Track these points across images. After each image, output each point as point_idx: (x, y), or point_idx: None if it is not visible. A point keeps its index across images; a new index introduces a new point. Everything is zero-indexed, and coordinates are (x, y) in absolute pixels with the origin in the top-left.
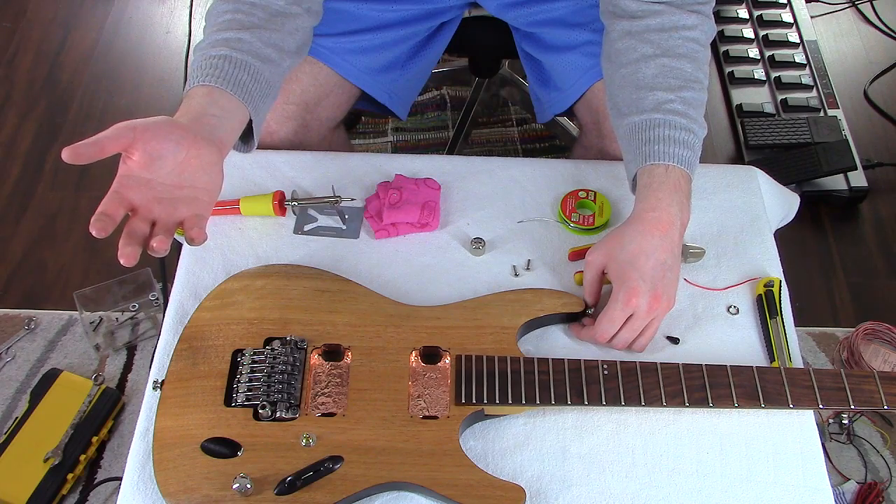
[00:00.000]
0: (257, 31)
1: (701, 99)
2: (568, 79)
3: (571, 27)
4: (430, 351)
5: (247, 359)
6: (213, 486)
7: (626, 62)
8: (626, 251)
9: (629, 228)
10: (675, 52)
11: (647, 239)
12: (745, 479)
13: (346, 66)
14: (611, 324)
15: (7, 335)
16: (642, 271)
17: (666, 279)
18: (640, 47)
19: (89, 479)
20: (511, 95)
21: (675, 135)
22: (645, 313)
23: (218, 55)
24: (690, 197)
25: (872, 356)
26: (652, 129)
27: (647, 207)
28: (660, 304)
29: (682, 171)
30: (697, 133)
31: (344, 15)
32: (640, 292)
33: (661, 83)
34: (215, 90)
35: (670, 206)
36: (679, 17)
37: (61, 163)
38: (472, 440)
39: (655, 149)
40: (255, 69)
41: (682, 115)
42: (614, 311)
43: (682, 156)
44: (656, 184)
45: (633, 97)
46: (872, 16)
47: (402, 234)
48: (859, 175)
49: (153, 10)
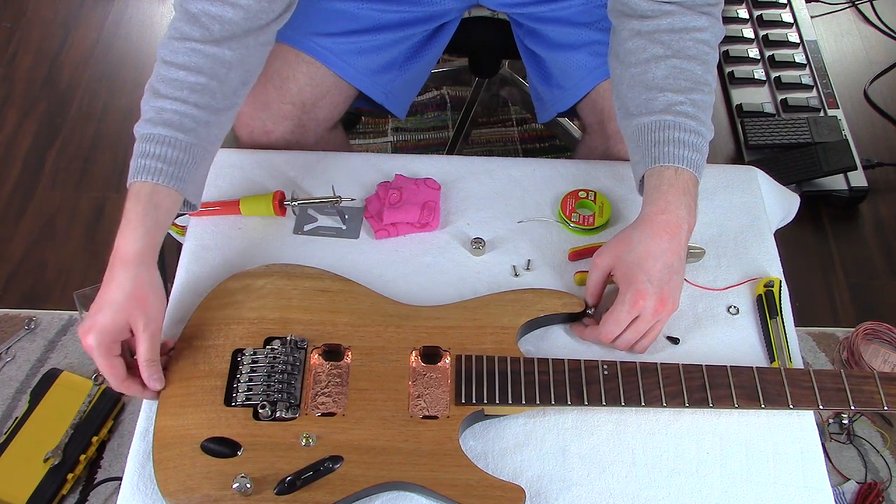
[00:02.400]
0: (216, 115)
1: (709, 101)
2: (571, 77)
3: (577, 26)
4: (430, 351)
5: (247, 358)
6: (213, 486)
7: (635, 62)
8: (634, 253)
9: (637, 231)
10: (686, 54)
11: (655, 242)
12: (745, 479)
13: (343, 67)
14: (616, 325)
15: (7, 335)
16: (650, 274)
17: (672, 282)
18: (651, 48)
19: (89, 479)
20: (511, 95)
21: (684, 137)
22: (650, 316)
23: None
24: (697, 200)
25: (872, 356)
26: (662, 131)
27: (657, 210)
28: (665, 307)
29: (691, 173)
30: (705, 136)
31: (344, 15)
32: (648, 295)
33: (672, 85)
34: (159, 189)
35: (679, 208)
36: (690, 18)
37: (61, 163)
38: (472, 440)
39: (665, 150)
40: (201, 154)
41: (692, 117)
42: (620, 312)
43: (691, 158)
44: (665, 186)
45: (643, 98)
46: (872, 16)
47: (402, 234)
48: (859, 175)
49: (153, 10)
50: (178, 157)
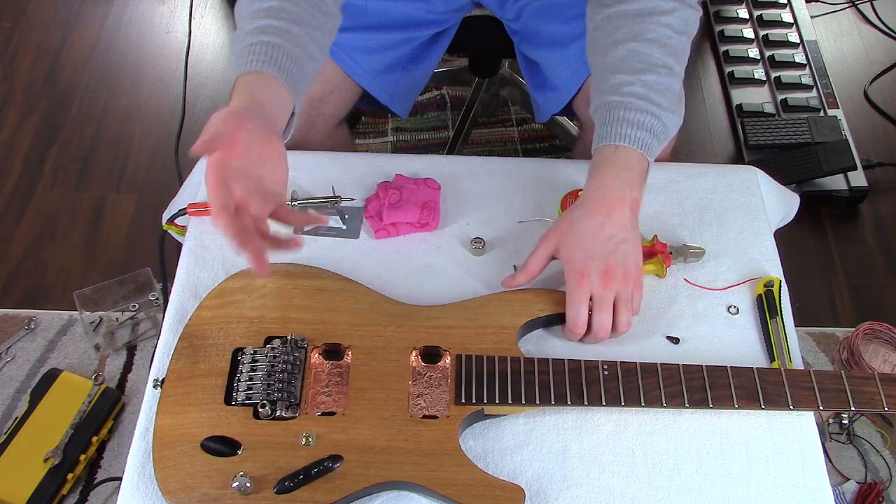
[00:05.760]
0: (306, 27)
1: (668, 84)
2: (563, 76)
3: (567, 20)
4: (430, 350)
5: (247, 357)
6: (213, 485)
7: (599, 48)
8: (574, 232)
9: (577, 210)
10: (645, 38)
11: (593, 217)
12: (745, 479)
13: (350, 64)
14: (574, 308)
15: (7, 335)
16: (589, 250)
17: (619, 252)
18: (614, 33)
19: (89, 479)
20: (511, 95)
21: (630, 116)
22: (603, 290)
23: (270, 42)
24: (645, 177)
25: (872, 356)
26: (608, 111)
27: (593, 187)
28: (615, 277)
29: (634, 150)
30: (662, 117)
31: (353, 9)
32: (589, 270)
33: (625, 66)
34: (271, 80)
35: (616, 184)
36: (656, 3)
37: (61, 163)
38: (472, 440)
39: (608, 130)
40: (302, 64)
41: (642, 97)
42: (570, 294)
43: (636, 137)
44: (604, 164)
45: (598, 81)
46: (872, 16)
47: (402, 234)
48: (859, 175)
49: (153, 10)
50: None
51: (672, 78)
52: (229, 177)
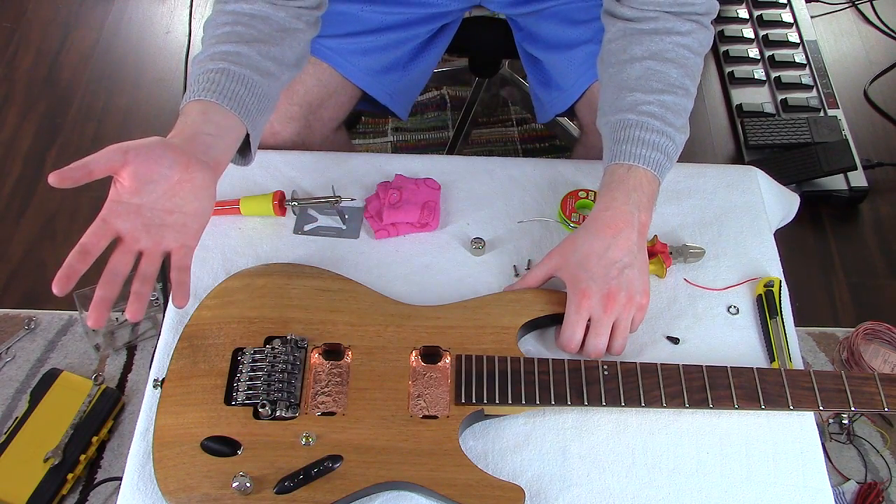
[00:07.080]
0: (257, 45)
1: (684, 105)
2: (569, 78)
3: (574, 24)
4: (430, 351)
5: (247, 357)
6: (213, 485)
7: (614, 62)
8: (578, 253)
9: (583, 230)
10: (663, 56)
11: (598, 240)
12: (745, 479)
13: (348, 67)
14: (570, 329)
15: (7, 335)
16: (592, 273)
17: (623, 277)
18: (631, 49)
19: (89, 479)
20: (511, 95)
21: (645, 136)
22: (602, 314)
23: (216, 69)
24: (655, 198)
25: (872, 356)
26: (623, 130)
27: (601, 208)
28: (616, 303)
29: (647, 171)
30: (674, 138)
31: (347, 17)
32: (590, 293)
33: (643, 85)
34: (211, 106)
35: (625, 204)
36: (674, 23)
37: (61, 163)
38: (471, 440)
39: (623, 149)
40: (253, 83)
41: (659, 118)
42: (569, 315)
43: (650, 157)
44: (614, 183)
45: (614, 97)
46: (872, 16)
47: (402, 234)
48: (859, 175)
49: (153, 10)
50: (241, 93)
51: (688, 99)
52: (114, 213)
